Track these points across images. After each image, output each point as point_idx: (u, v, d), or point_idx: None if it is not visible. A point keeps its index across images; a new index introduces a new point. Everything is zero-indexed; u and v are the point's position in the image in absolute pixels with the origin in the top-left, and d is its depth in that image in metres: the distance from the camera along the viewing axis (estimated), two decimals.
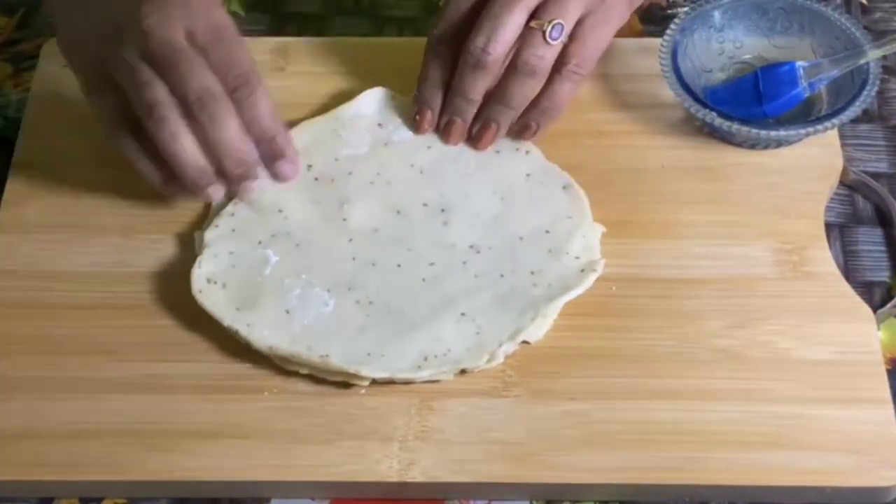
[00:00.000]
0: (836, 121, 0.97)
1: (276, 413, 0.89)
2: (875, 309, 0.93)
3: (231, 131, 0.89)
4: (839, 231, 0.99)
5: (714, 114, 0.98)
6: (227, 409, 0.89)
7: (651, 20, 1.03)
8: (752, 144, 1.00)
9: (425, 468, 0.86)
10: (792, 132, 0.98)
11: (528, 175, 0.98)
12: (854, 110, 0.97)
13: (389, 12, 1.13)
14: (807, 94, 0.99)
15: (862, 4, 1.12)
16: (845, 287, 0.94)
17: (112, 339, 0.92)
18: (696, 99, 0.99)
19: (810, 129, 0.97)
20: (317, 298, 0.92)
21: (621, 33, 1.10)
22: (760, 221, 0.97)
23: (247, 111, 0.90)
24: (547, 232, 0.95)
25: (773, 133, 0.98)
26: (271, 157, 0.92)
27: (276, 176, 0.93)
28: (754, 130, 0.98)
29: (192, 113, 0.89)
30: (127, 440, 0.87)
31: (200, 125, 0.89)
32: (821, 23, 1.02)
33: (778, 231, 0.96)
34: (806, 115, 1.00)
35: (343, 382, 0.89)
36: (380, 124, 1.01)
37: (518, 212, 0.96)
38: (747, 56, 1.03)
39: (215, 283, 0.93)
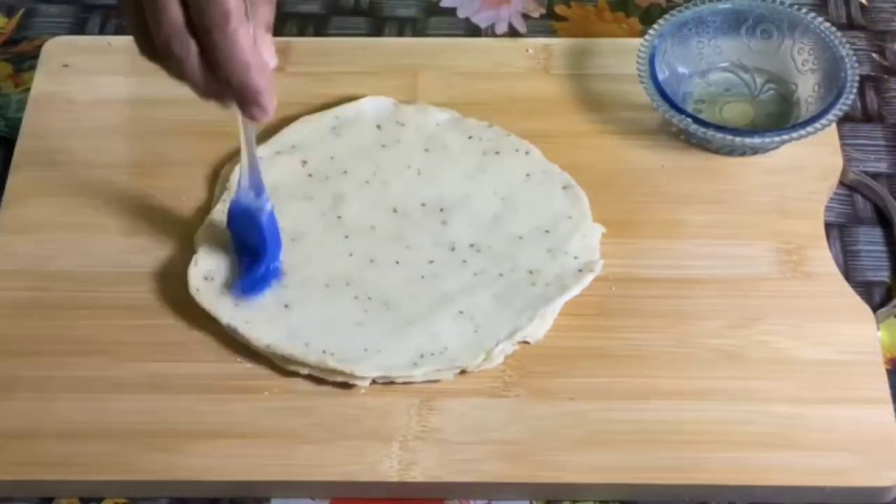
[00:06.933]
0: (810, 128, 0.97)
1: (276, 413, 0.89)
2: (875, 309, 0.93)
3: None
4: (839, 231, 0.99)
5: (689, 119, 0.98)
6: (227, 409, 0.89)
7: (651, 20, 1.03)
8: (729, 151, 1.00)
9: (425, 468, 0.86)
10: (767, 139, 0.98)
11: (528, 175, 0.98)
12: (830, 118, 0.98)
13: (389, 12, 1.13)
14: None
15: (862, 4, 1.12)
16: (845, 287, 0.94)
17: (112, 339, 0.92)
18: (673, 105, 0.99)
19: (785, 137, 0.98)
20: (315, 292, 0.92)
21: (623, 33, 1.10)
22: (760, 221, 0.97)
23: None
24: (547, 232, 0.95)
25: (748, 140, 0.98)
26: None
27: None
28: (729, 137, 0.98)
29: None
30: (127, 440, 0.87)
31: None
32: (800, 28, 1.02)
33: (778, 231, 0.96)
34: (784, 121, 1.01)
35: (343, 382, 0.89)
36: (379, 126, 1.01)
37: (518, 211, 0.96)
38: (726, 62, 1.04)
39: (212, 280, 0.93)
